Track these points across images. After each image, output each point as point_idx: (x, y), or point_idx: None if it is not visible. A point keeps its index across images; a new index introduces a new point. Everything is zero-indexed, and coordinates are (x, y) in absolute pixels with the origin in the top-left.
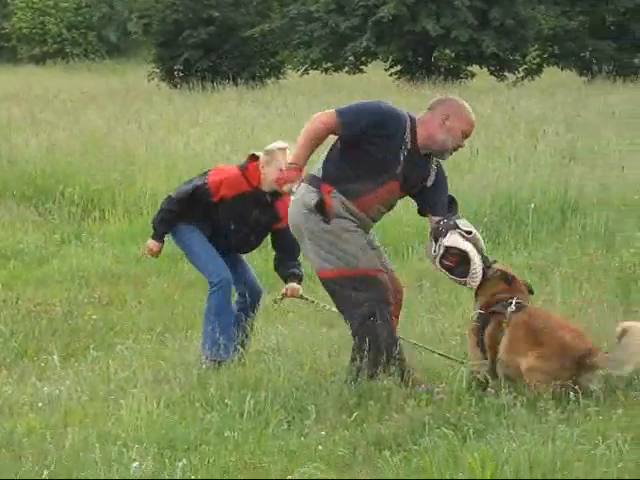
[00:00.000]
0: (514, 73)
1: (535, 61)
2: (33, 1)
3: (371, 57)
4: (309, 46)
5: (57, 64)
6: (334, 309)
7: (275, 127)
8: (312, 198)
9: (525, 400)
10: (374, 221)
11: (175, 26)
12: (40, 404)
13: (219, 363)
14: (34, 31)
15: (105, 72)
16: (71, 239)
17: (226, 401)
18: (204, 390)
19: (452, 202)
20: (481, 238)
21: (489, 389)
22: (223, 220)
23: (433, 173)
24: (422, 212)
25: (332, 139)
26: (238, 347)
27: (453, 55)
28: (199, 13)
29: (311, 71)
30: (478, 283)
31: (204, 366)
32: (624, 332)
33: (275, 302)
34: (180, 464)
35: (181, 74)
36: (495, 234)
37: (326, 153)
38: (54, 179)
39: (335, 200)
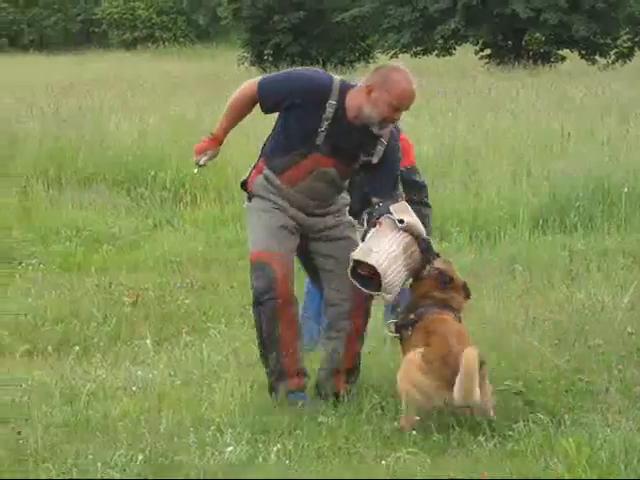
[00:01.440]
0: (605, 57)
1: (626, 45)
2: None
3: (461, 40)
4: (399, 30)
5: (147, 49)
6: None
7: None
8: (245, 176)
9: (620, 385)
10: (317, 199)
11: (265, 11)
12: (134, 388)
13: None
14: (124, 16)
15: (195, 57)
16: (163, 224)
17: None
18: None
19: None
20: (420, 225)
21: None
22: None
23: (380, 149)
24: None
25: None
26: None
27: (543, 39)
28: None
29: (400, 55)
30: (392, 297)
31: None
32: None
33: None
34: (274, 449)
35: (271, 59)
36: (588, 219)
37: None
38: (146, 163)
39: (259, 177)
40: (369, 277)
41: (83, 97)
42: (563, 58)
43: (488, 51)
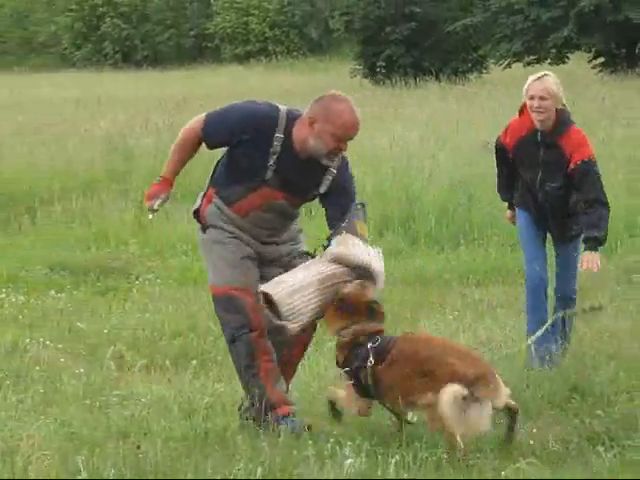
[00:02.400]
0: None
1: None
2: (236, 1)
3: (573, 49)
4: (511, 39)
5: (260, 63)
6: None
7: (479, 122)
8: (195, 205)
9: None
10: (269, 229)
11: (377, 22)
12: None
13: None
14: (237, 31)
15: (307, 70)
16: None
17: None
18: None
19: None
20: (357, 256)
21: None
22: (521, 173)
23: (328, 178)
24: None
25: None
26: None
27: None
28: (401, 9)
29: (513, 64)
30: (296, 327)
31: None
32: None
33: None
34: (393, 460)
35: (383, 71)
36: None
37: None
38: None
39: (211, 207)
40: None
41: (196, 112)
42: None
43: (601, 59)
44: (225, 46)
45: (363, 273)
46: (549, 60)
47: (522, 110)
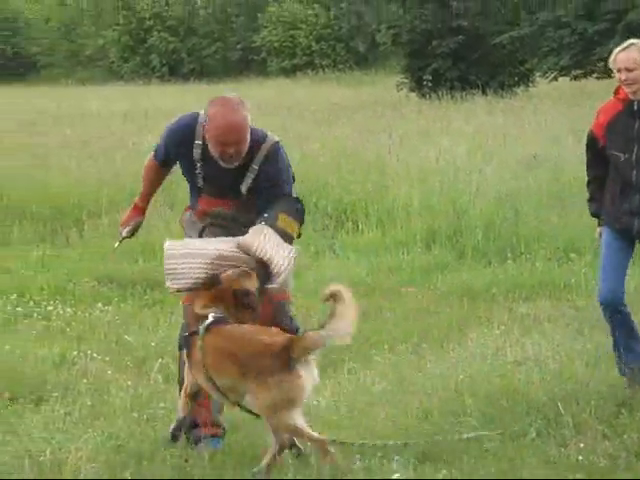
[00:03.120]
0: None
1: None
2: (283, 15)
3: None
4: (558, 53)
5: (306, 76)
6: None
7: (527, 136)
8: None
9: None
10: (236, 219)
11: (424, 36)
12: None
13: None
14: (284, 44)
15: (354, 83)
16: (325, 251)
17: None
18: (460, 400)
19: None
20: (261, 250)
21: None
22: (612, 158)
23: (250, 176)
24: None
25: None
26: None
27: None
28: (448, 22)
29: (560, 78)
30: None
31: None
32: (335, 298)
33: None
34: (440, 475)
35: (430, 84)
36: None
37: None
38: (307, 191)
39: (185, 216)
40: None
41: None
42: None
43: None
44: (271, 59)
45: (261, 268)
46: (596, 74)
47: (617, 90)
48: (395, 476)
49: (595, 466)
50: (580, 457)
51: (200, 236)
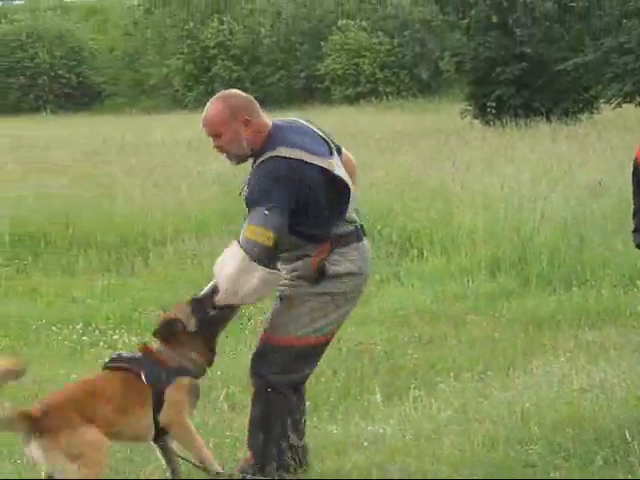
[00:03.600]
0: None
1: None
2: (347, 43)
3: None
4: (622, 79)
5: (370, 104)
6: None
7: (591, 163)
8: None
9: None
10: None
11: (487, 63)
12: (365, 443)
13: None
14: (348, 72)
15: (417, 110)
16: (390, 278)
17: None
18: (527, 428)
19: None
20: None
21: None
22: None
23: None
24: None
25: None
26: None
27: None
28: (511, 49)
29: (624, 105)
30: None
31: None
32: None
33: None
34: None
35: (494, 111)
36: None
37: None
38: (372, 218)
39: None
40: None
41: None
42: None
43: None
44: (335, 87)
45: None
46: None
47: None
48: None
49: None
50: None
51: None
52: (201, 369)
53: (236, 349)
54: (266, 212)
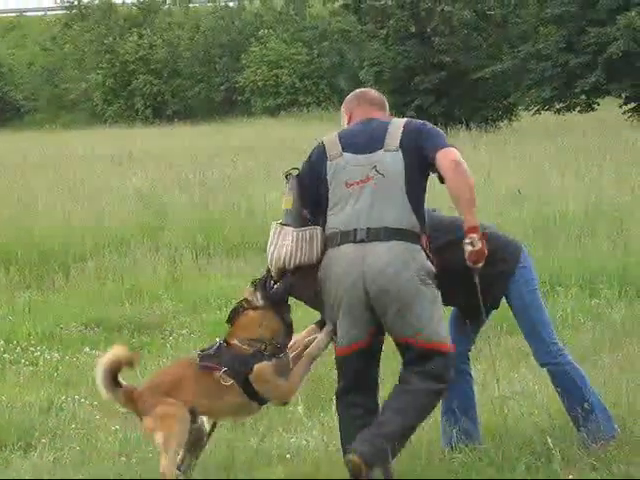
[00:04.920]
0: None
1: None
2: (266, 54)
3: (603, 94)
4: (540, 86)
5: (291, 114)
6: None
7: (511, 171)
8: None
9: None
10: None
11: (406, 72)
12: (288, 455)
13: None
14: (268, 83)
15: (337, 120)
16: None
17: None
18: None
19: None
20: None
21: None
22: None
23: None
24: None
25: None
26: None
27: None
28: (430, 58)
29: (543, 112)
30: None
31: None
32: None
33: None
34: None
35: None
36: None
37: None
38: None
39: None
40: None
41: (228, 166)
42: None
43: (632, 104)
44: (255, 99)
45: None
46: (579, 108)
47: None
48: None
49: None
50: None
51: None
52: (277, 347)
53: (158, 363)
54: (287, 183)
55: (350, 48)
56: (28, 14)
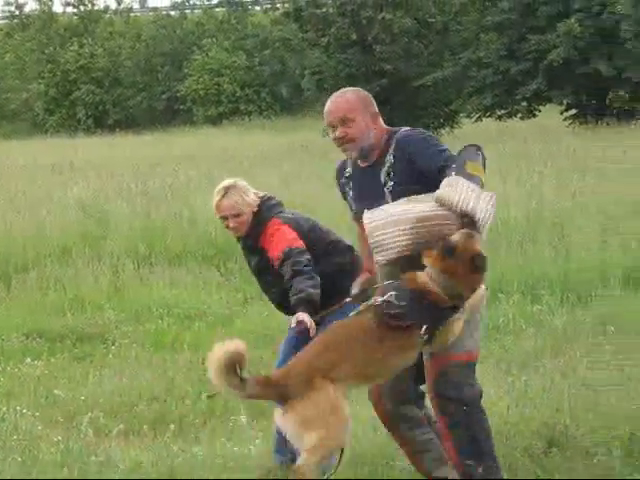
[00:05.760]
0: None
1: None
2: (208, 62)
3: (545, 101)
4: (481, 93)
5: (233, 123)
6: None
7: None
8: None
9: None
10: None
11: (348, 80)
12: (231, 464)
13: None
14: (209, 92)
15: (279, 129)
16: (254, 298)
17: None
18: (392, 444)
19: None
20: (459, 199)
21: None
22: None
23: (386, 170)
24: None
25: None
26: None
27: (627, 96)
28: (371, 66)
29: (484, 119)
30: (386, 259)
31: None
32: None
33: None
34: None
35: None
36: None
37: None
38: (234, 239)
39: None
40: None
41: (170, 175)
42: None
43: (572, 111)
44: (197, 108)
45: (468, 221)
46: (520, 114)
47: None
48: None
49: None
50: None
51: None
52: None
53: (100, 373)
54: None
55: (291, 56)
56: None
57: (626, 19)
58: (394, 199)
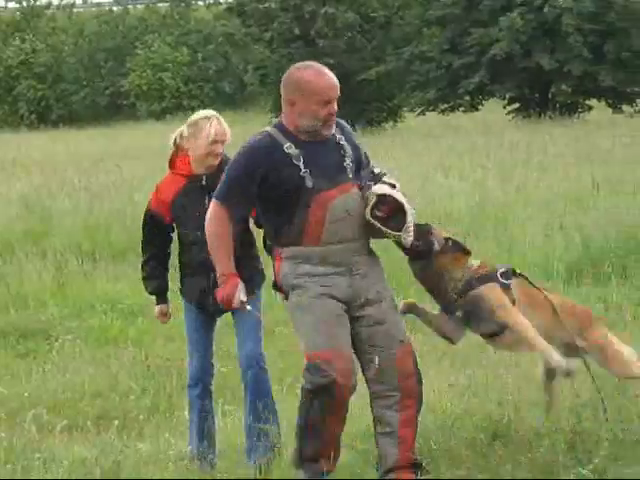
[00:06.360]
0: (632, 105)
1: None
2: (151, 57)
3: (487, 95)
4: (424, 87)
5: (176, 118)
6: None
7: (396, 173)
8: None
9: None
10: (350, 241)
11: None
12: (174, 459)
13: None
14: (152, 87)
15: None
16: None
17: None
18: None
19: None
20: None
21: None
22: (184, 237)
23: (346, 152)
24: None
25: None
26: None
27: (569, 90)
28: (315, 61)
29: (428, 113)
30: (411, 239)
31: None
32: None
33: None
34: None
35: None
36: (621, 269)
37: None
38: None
39: (283, 265)
40: (384, 219)
41: (113, 171)
42: (590, 108)
43: (515, 105)
44: (141, 103)
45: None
46: (463, 108)
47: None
48: None
49: None
50: None
51: None
52: None
53: (44, 370)
54: None
55: (235, 51)
56: None
57: (567, 13)
58: (353, 176)
